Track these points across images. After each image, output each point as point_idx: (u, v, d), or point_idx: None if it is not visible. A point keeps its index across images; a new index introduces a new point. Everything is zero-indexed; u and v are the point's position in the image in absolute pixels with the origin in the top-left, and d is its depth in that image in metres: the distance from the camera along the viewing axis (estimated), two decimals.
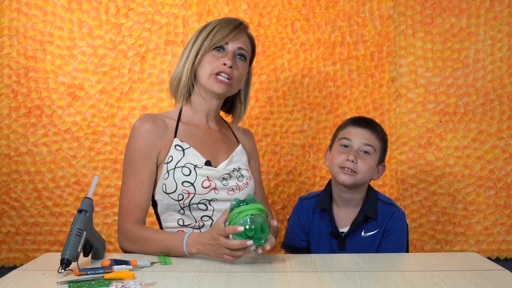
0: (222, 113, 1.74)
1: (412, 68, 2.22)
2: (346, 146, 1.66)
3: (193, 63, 1.58)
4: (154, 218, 1.61)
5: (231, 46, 1.58)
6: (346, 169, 1.63)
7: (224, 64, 1.56)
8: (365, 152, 1.65)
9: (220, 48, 1.58)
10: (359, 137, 1.66)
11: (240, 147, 1.69)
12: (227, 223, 1.36)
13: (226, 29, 1.58)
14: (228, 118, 1.76)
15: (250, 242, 1.31)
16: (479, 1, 2.21)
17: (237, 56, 1.60)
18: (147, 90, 2.16)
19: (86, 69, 2.14)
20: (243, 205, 1.35)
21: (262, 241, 1.33)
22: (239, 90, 1.69)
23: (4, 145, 2.14)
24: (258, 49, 2.17)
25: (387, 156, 1.79)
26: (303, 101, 2.21)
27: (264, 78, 2.19)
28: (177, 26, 2.16)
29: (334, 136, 1.75)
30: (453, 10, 2.22)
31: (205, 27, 1.61)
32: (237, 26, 1.60)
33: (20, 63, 2.13)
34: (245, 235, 1.32)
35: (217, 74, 1.57)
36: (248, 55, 1.63)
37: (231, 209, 1.35)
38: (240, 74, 1.61)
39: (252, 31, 2.16)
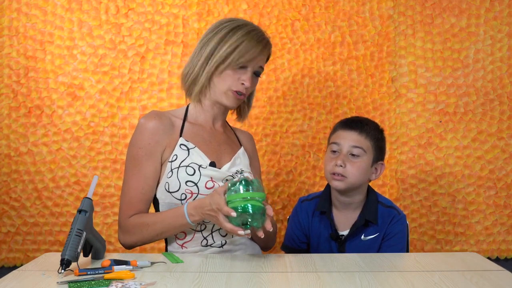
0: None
1: (412, 68, 2.22)
2: (335, 151, 1.66)
3: (214, 70, 1.56)
4: None
5: (253, 66, 1.58)
6: (336, 174, 1.63)
7: (242, 83, 1.56)
8: (354, 155, 1.64)
9: (243, 67, 1.57)
10: (347, 140, 1.64)
11: (242, 149, 1.69)
12: (226, 196, 1.40)
13: (255, 50, 1.56)
14: (230, 119, 1.76)
15: (241, 232, 1.36)
16: (479, 1, 2.21)
17: (254, 74, 1.60)
18: (147, 90, 2.16)
19: (86, 69, 2.14)
20: (249, 188, 1.36)
21: (255, 224, 1.36)
22: None
23: (4, 145, 2.14)
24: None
25: (387, 156, 1.78)
26: (303, 101, 2.21)
27: (264, 78, 2.19)
28: (177, 26, 2.16)
29: (328, 140, 1.75)
30: (453, 10, 2.22)
31: (231, 33, 1.56)
32: (265, 46, 1.59)
33: (20, 63, 2.13)
34: (239, 222, 1.36)
35: (236, 91, 1.57)
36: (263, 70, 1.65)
37: (233, 187, 1.38)
38: (253, 89, 1.64)
39: None
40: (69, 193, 2.16)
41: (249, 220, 1.35)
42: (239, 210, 1.35)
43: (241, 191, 1.36)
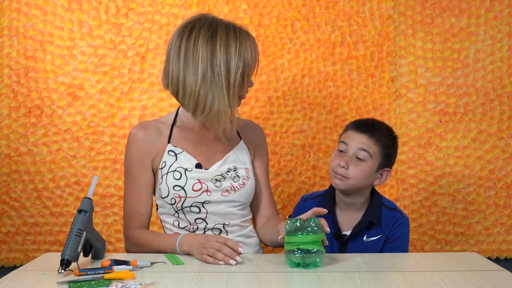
0: None
1: (412, 68, 2.22)
2: (342, 151, 1.66)
3: (232, 93, 1.51)
4: (159, 220, 1.68)
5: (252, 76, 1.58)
6: (338, 174, 1.63)
7: (249, 87, 1.58)
8: (359, 158, 1.63)
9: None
10: (355, 142, 1.64)
11: (241, 144, 1.68)
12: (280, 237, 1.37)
13: (249, 51, 1.53)
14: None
15: (241, 249, 1.36)
16: (479, 1, 2.21)
17: None
18: (147, 90, 2.16)
19: (86, 69, 2.14)
20: (301, 234, 1.32)
21: (312, 264, 1.33)
22: None
23: (4, 145, 2.14)
24: (258, 49, 2.17)
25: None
26: (303, 101, 2.21)
27: (264, 78, 2.19)
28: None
29: (339, 137, 1.75)
30: (453, 10, 2.21)
31: (218, 45, 1.50)
32: (251, 39, 1.56)
33: (20, 63, 2.13)
34: (292, 263, 1.34)
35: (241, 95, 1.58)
36: None
37: (289, 230, 1.34)
38: None
39: (252, 31, 2.16)
40: (69, 193, 2.16)
41: (306, 262, 1.33)
42: (296, 253, 1.32)
43: (298, 235, 1.32)
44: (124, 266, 1.29)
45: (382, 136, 1.66)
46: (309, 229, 1.32)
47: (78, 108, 2.15)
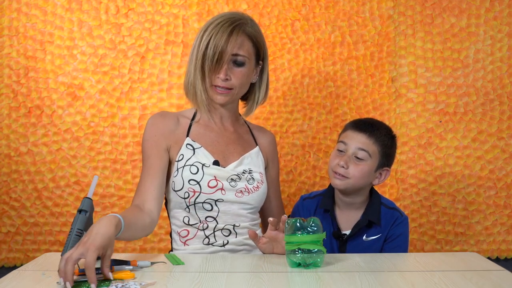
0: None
1: (412, 68, 2.22)
2: (341, 150, 1.66)
3: (201, 74, 1.56)
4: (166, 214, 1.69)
5: (226, 57, 1.54)
6: (338, 173, 1.63)
7: (218, 77, 1.55)
8: (358, 157, 1.64)
9: (217, 61, 1.54)
10: (354, 141, 1.64)
11: (256, 149, 1.69)
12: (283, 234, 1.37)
13: (221, 40, 1.53)
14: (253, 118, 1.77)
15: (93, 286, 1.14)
16: (479, 1, 2.21)
17: (232, 63, 1.56)
18: (147, 90, 2.16)
19: (86, 69, 2.14)
20: (301, 233, 1.32)
21: (313, 264, 1.33)
22: (254, 85, 1.67)
23: (4, 145, 2.14)
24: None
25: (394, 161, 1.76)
26: (303, 101, 2.21)
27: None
28: (177, 26, 2.16)
29: (338, 137, 1.75)
30: (453, 10, 2.21)
31: (203, 31, 1.57)
32: (231, 32, 1.54)
33: (20, 63, 2.13)
34: (293, 263, 1.33)
35: (216, 86, 1.57)
36: (246, 58, 1.58)
37: (292, 228, 1.33)
38: (240, 80, 1.58)
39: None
40: (69, 193, 2.16)
41: (307, 262, 1.32)
42: (297, 253, 1.31)
43: (298, 235, 1.31)
44: (124, 266, 1.29)
45: (381, 136, 1.66)
46: (309, 228, 1.32)
47: (78, 108, 2.15)
